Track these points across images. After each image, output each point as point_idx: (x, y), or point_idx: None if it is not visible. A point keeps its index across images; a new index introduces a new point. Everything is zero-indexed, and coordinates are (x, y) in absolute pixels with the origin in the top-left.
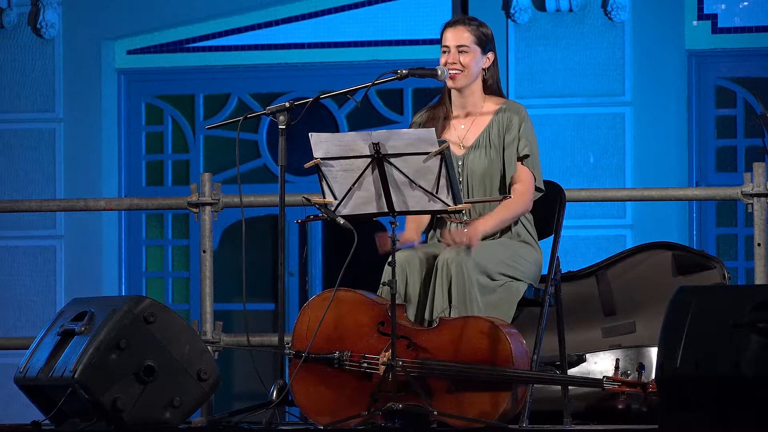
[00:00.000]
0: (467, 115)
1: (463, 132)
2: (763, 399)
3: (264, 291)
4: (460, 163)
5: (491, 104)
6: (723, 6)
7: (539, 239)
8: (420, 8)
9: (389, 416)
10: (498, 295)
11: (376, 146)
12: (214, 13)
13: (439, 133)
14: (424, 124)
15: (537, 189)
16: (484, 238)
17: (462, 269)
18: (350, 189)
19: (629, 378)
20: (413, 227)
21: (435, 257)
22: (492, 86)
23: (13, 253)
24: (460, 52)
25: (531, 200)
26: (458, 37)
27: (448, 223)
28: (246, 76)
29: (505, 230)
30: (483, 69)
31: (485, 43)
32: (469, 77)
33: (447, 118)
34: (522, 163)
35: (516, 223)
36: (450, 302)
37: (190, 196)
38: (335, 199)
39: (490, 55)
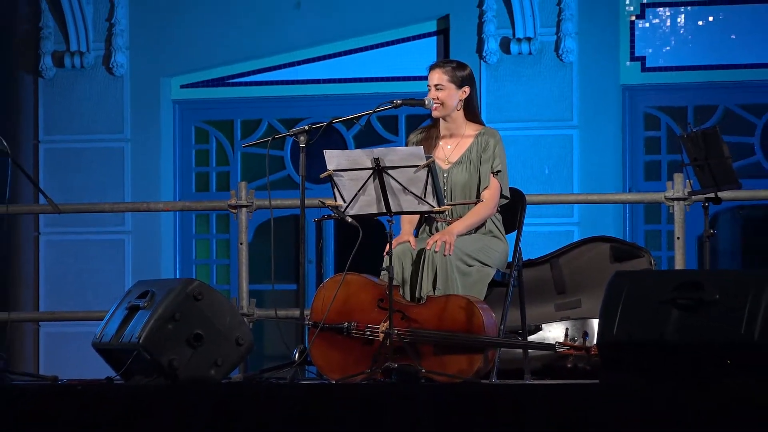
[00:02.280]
0: (452, 136)
1: (449, 151)
2: (682, 360)
3: (288, 275)
4: (445, 176)
5: (472, 129)
6: (650, 50)
7: (506, 234)
8: (411, 52)
9: (387, 373)
10: (473, 277)
11: (376, 160)
12: (248, 56)
13: (431, 150)
14: (419, 142)
15: (503, 196)
16: (462, 236)
17: (447, 262)
18: (356, 194)
19: (576, 343)
20: (408, 229)
21: (423, 249)
22: (472, 113)
23: (91, 245)
24: (437, 89)
25: (496, 206)
26: (436, 77)
27: (435, 221)
28: (274, 105)
29: (480, 227)
30: (461, 100)
31: (459, 81)
32: (447, 108)
33: (438, 138)
34: (494, 176)
35: (487, 221)
36: (434, 286)
37: (230, 200)
38: (344, 202)
39: (466, 89)
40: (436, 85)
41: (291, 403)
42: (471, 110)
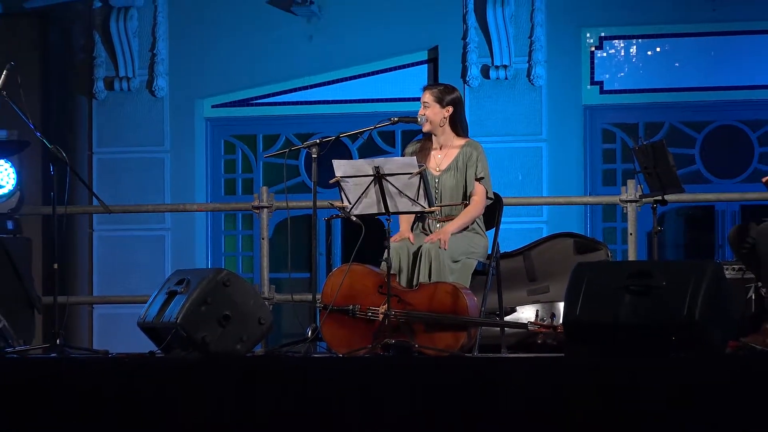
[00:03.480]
0: (442, 148)
1: (440, 160)
2: (634, 337)
3: (302, 265)
4: (437, 181)
5: (459, 141)
6: (607, 75)
7: (486, 230)
8: (405, 77)
9: (385, 348)
10: (460, 269)
11: (377, 169)
12: (269, 81)
13: (425, 159)
14: (415, 152)
15: (488, 198)
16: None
17: (438, 255)
18: (360, 197)
19: (545, 323)
20: (406, 227)
21: (419, 244)
22: (456, 129)
23: (136, 240)
24: (425, 106)
25: (483, 207)
26: (425, 96)
27: (427, 219)
28: (290, 122)
29: None
30: (445, 117)
31: (442, 101)
32: (433, 124)
33: (430, 149)
34: (478, 182)
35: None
36: (429, 277)
37: (253, 202)
38: (350, 203)
39: (449, 108)
40: (424, 103)
41: (305, 372)
42: (455, 126)
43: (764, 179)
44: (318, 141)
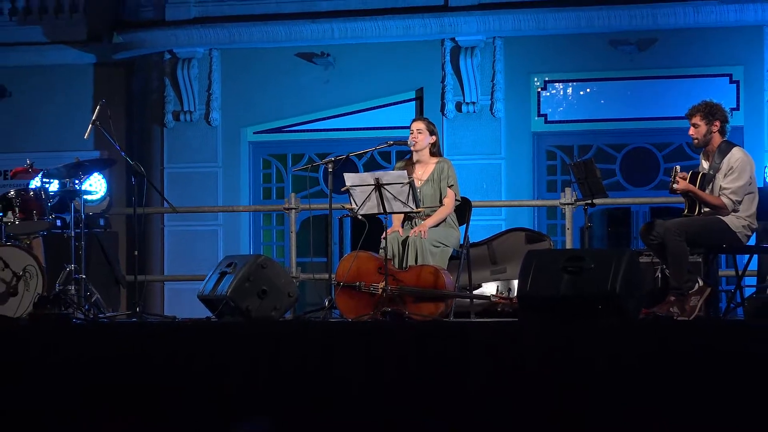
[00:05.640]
0: (422, 164)
1: (420, 174)
2: (570, 306)
3: (321, 251)
4: (419, 190)
5: (434, 160)
6: (550, 109)
7: (459, 225)
8: (398, 111)
9: (383, 315)
10: (439, 255)
11: (377, 180)
12: (296, 114)
13: (411, 173)
14: (403, 167)
15: (457, 200)
16: (432, 228)
17: (422, 244)
18: (364, 201)
19: (504, 295)
20: (397, 223)
21: (408, 236)
22: (435, 151)
23: (196, 234)
24: (419, 132)
25: (453, 207)
26: (417, 126)
27: (414, 218)
28: (312, 144)
29: (442, 221)
30: (430, 143)
31: (431, 131)
32: (422, 146)
33: (414, 166)
34: (449, 188)
35: (447, 217)
36: (416, 261)
37: (284, 205)
38: (357, 206)
39: (434, 137)
40: (418, 129)
41: (323, 333)
42: (436, 150)
43: (676, 187)
44: (333, 159)
